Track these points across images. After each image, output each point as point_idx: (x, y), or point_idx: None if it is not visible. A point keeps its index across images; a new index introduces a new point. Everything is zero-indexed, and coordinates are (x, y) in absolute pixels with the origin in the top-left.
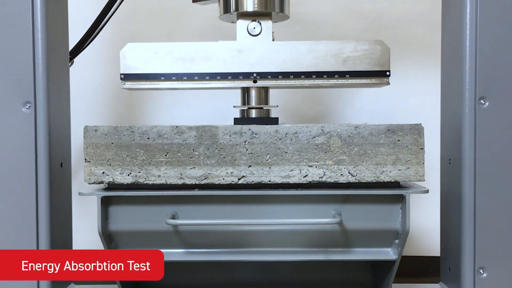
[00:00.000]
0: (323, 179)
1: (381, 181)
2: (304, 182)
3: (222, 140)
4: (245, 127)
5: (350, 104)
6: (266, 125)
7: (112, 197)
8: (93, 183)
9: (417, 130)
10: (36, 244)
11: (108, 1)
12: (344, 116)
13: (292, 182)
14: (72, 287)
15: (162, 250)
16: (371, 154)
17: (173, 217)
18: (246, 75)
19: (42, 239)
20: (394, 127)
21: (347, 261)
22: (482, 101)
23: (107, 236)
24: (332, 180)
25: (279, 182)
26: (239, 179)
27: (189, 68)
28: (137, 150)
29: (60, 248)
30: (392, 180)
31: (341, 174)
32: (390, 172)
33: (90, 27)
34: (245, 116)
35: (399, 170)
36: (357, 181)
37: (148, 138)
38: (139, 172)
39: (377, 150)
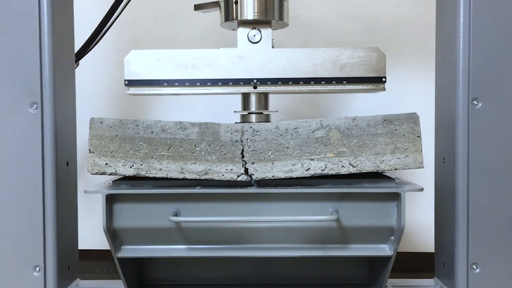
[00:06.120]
0: (325, 171)
1: (382, 170)
2: (306, 176)
3: (223, 137)
4: (247, 125)
5: (347, 106)
6: (266, 123)
7: (117, 195)
8: (95, 174)
9: (412, 119)
10: (42, 242)
11: (112, 5)
12: None
13: (295, 176)
14: (78, 282)
15: (165, 246)
16: (370, 144)
17: (176, 214)
18: (246, 81)
19: (48, 236)
20: (390, 117)
21: (344, 257)
22: (475, 102)
23: (112, 233)
24: (333, 172)
25: (283, 177)
26: (238, 176)
27: (191, 74)
28: (141, 143)
29: (66, 246)
30: (392, 169)
31: (342, 166)
32: (390, 161)
33: (95, 30)
34: (246, 121)
35: (398, 158)
36: (358, 171)
37: (152, 132)
38: (141, 164)
39: (375, 140)
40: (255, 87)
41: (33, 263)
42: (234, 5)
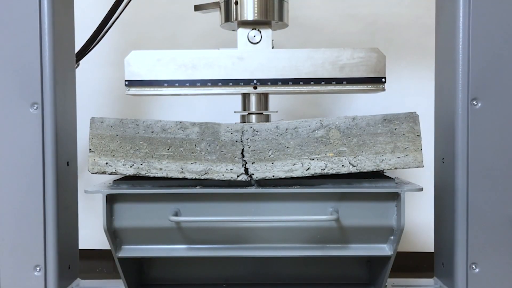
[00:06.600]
0: (325, 171)
1: (382, 169)
2: (307, 175)
3: (223, 137)
4: (247, 125)
5: (347, 105)
6: (266, 122)
7: (117, 195)
8: (96, 173)
9: (412, 118)
10: (43, 242)
11: (113, 6)
12: None
13: (295, 176)
14: (78, 281)
15: (165, 246)
16: (370, 144)
17: (176, 214)
18: (246, 82)
19: (49, 236)
20: (390, 116)
21: (344, 256)
22: (474, 102)
23: (112, 232)
24: (334, 172)
25: (283, 176)
26: (238, 176)
27: (191, 75)
28: (141, 143)
29: (67, 245)
30: (392, 168)
31: (342, 165)
32: (390, 160)
33: (95, 30)
34: (246, 122)
35: (398, 157)
36: (358, 170)
37: (152, 132)
38: (141, 164)
39: (375, 140)
40: (255, 88)
41: (34, 262)
42: (234, 5)
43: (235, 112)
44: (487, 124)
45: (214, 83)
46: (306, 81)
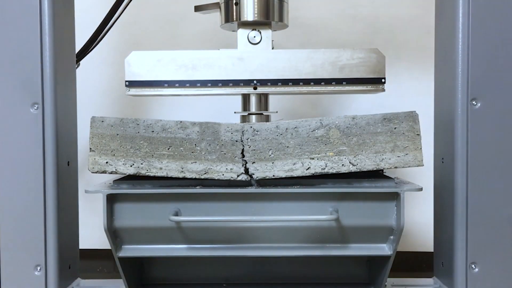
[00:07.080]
0: (325, 170)
1: (382, 168)
2: (307, 175)
3: (224, 137)
4: (247, 125)
5: (346, 105)
6: (267, 122)
7: (117, 195)
8: (96, 172)
9: (412, 117)
10: (44, 241)
11: (113, 6)
12: None
13: (295, 176)
14: (78, 281)
15: (165, 246)
16: (369, 143)
17: (176, 214)
18: (246, 82)
19: (49, 236)
20: (390, 115)
21: (344, 256)
22: (474, 102)
23: (113, 232)
24: (334, 171)
25: (283, 176)
26: (238, 176)
27: (191, 75)
28: (141, 142)
29: (67, 245)
30: (392, 167)
31: (343, 164)
32: (390, 159)
33: (96, 30)
34: (246, 122)
35: (398, 157)
36: (359, 170)
37: (153, 131)
38: (141, 163)
39: (375, 139)
40: (255, 88)
41: (34, 262)
42: (234, 6)
43: (235, 112)
44: (486, 124)
45: (214, 83)
46: (306, 82)
